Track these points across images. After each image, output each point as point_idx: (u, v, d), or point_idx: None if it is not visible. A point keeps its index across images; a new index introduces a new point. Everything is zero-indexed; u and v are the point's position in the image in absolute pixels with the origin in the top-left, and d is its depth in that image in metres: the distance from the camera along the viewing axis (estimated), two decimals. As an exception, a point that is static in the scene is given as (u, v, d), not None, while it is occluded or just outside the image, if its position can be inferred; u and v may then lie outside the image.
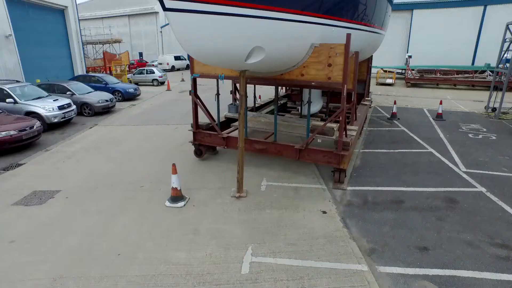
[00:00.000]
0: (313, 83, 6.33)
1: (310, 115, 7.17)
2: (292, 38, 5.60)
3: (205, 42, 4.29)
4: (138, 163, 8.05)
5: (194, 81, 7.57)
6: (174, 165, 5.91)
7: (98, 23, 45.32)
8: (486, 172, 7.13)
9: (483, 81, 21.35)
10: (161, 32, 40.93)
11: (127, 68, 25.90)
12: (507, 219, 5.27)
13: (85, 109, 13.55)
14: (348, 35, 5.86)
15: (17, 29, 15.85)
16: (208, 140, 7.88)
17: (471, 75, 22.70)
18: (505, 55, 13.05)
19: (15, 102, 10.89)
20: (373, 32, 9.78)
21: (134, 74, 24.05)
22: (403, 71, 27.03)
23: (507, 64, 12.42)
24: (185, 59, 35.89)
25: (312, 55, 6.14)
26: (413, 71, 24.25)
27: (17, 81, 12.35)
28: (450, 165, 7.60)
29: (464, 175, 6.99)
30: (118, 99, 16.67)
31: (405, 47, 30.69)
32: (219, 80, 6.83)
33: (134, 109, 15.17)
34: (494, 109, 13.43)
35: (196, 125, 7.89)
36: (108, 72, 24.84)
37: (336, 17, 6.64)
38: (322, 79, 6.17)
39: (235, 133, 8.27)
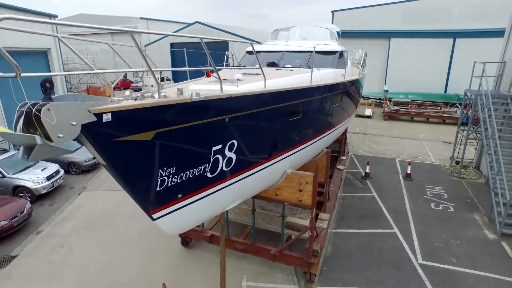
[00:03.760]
0: (286, 203, 7.15)
1: None
2: (266, 176, 6.36)
3: (191, 223, 4.99)
4: (129, 253, 8.65)
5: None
6: (164, 285, 6.61)
7: (80, 40, 44.44)
8: (438, 265, 8.15)
9: (453, 116, 22.95)
10: (145, 51, 40.74)
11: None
12: (447, 335, 6.27)
13: (72, 168, 13.87)
14: (316, 169, 6.68)
15: None
16: (193, 234, 8.56)
17: (441, 110, 24.27)
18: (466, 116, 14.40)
19: (3, 176, 11.16)
20: (345, 124, 10.68)
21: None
22: (381, 100, 28.40)
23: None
24: (169, 80, 35.95)
25: (285, 180, 6.92)
26: (389, 104, 25.56)
27: (3, 150, 12.52)
28: (410, 254, 8.60)
29: (419, 270, 7.99)
30: (105, 147, 16.96)
31: (383, 73, 32.08)
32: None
33: (120, 162, 15.54)
34: (458, 162, 14.70)
35: (182, 220, 8.55)
36: (93, 103, 24.81)
37: (305, 141, 7.45)
38: (293, 200, 6.97)
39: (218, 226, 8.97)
